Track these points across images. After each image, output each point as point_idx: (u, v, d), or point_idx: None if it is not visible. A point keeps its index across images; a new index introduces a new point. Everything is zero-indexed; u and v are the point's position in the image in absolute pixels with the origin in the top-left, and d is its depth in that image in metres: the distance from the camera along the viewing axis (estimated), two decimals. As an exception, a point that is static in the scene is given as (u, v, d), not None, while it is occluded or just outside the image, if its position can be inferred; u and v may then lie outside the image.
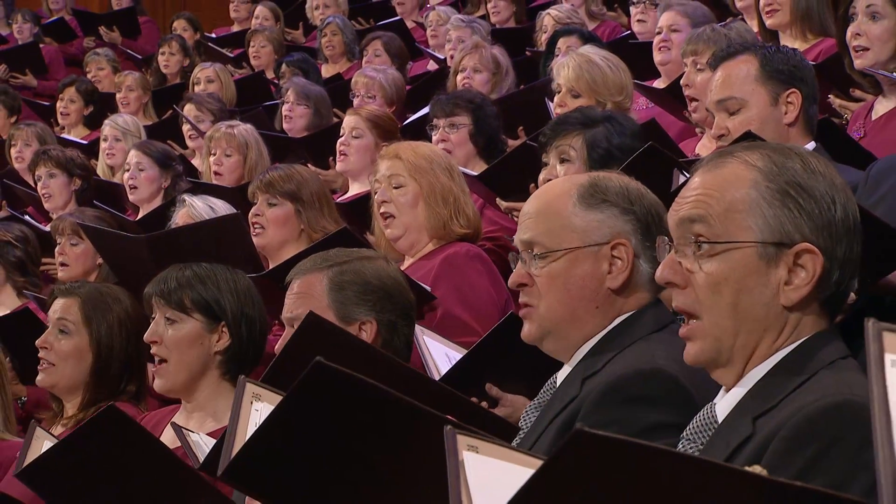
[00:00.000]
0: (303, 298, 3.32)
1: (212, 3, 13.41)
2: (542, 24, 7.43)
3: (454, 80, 6.56)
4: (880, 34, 4.04)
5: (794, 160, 2.17)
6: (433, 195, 4.33)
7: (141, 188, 6.30)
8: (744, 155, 2.19)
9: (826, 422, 1.96)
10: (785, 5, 5.32)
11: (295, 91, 7.04)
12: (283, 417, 2.19)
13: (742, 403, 2.14)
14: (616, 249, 2.63)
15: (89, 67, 9.88)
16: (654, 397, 2.44)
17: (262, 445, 2.23)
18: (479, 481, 1.81)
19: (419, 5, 9.95)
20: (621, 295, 2.64)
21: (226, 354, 3.58)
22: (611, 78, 5.02)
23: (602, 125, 4.08)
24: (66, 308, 3.98)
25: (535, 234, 2.66)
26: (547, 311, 2.64)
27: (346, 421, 2.15)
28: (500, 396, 3.34)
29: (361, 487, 2.21)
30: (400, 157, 4.37)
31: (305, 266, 3.39)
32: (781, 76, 3.64)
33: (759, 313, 2.14)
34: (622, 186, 2.67)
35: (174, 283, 3.58)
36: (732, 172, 2.18)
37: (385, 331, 3.33)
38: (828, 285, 2.14)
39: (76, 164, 6.69)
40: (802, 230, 2.14)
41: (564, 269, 2.63)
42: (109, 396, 3.92)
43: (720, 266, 2.15)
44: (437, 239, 4.37)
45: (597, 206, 2.64)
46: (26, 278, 5.55)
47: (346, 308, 3.30)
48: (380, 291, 3.34)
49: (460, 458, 1.83)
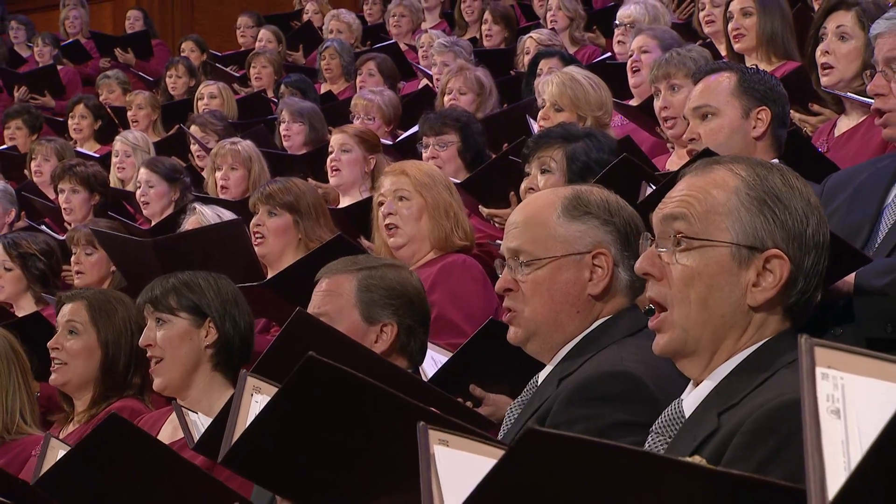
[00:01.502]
0: (331, 296, 3.34)
1: (219, 27, 13.47)
2: (524, 47, 7.46)
3: (441, 102, 6.59)
4: (847, 53, 4.06)
5: (776, 174, 2.20)
6: (437, 209, 4.37)
7: (153, 203, 6.32)
8: (730, 164, 2.22)
9: (784, 418, 1.95)
10: (751, 30, 5.36)
11: (289, 111, 7.11)
12: (279, 408, 2.20)
13: (708, 399, 2.14)
14: (597, 258, 2.64)
15: (101, 89, 9.90)
16: (619, 397, 2.44)
17: (258, 434, 2.24)
18: (449, 473, 1.82)
19: (413, 29, 9.98)
20: (601, 300, 2.65)
21: (215, 347, 3.64)
22: (592, 95, 5.07)
23: (582, 141, 4.12)
24: (74, 311, 4.03)
25: (521, 242, 2.67)
26: (531, 315, 2.65)
27: (337, 411, 2.16)
28: (484, 396, 3.36)
29: (350, 472, 2.22)
30: (406, 173, 4.41)
31: (336, 266, 3.40)
32: (756, 94, 3.68)
33: (727, 310, 2.16)
34: (603, 199, 2.68)
35: (160, 289, 3.66)
36: (718, 178, 2.20)
37: (404, 334, 3.35)
38: (792, 291, 2.16)
39: (97, 182, 6.70)
40: (774, 237, 2.16)
41: (548, 276, 2.64)
42: (118, 390, 4.00)
43: (695, 261, 2.16)
44: (438, 249, 4.41)
45: (579, 218, 2.65)
46: (46, 289, 5.54)
47: (372, 309, 3.31)
48: (403, 297, 3.35)
49: (431, 452, 1.83)
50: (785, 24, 5.39)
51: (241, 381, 2.55)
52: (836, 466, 1.40)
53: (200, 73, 10.09)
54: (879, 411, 1.45)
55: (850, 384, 1.53)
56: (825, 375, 1.53)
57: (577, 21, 8.26)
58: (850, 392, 1.52)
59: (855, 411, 1.50)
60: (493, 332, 3.34)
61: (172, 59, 10.26)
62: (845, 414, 1.50)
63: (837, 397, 1.51)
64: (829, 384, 1.52)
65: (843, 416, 1.50)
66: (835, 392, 1.52)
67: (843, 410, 1.50)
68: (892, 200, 2.99)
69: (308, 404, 2.16)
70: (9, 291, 5.54)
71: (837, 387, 1.52)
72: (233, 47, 11.60)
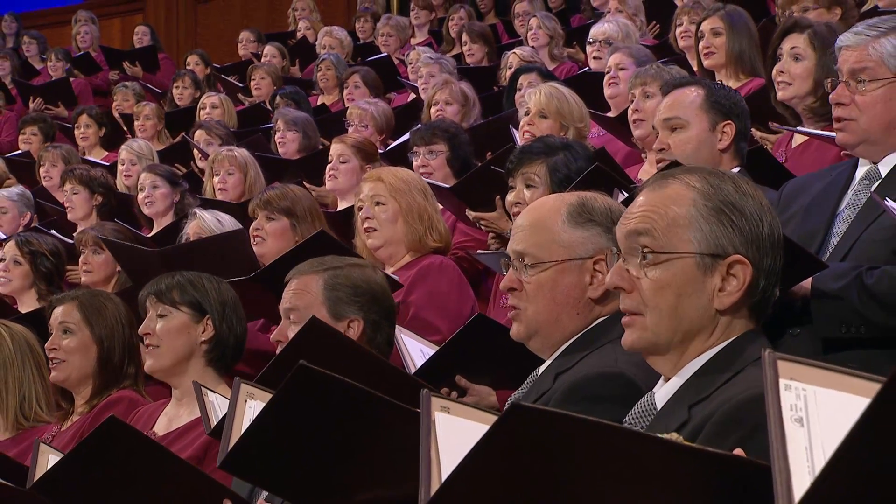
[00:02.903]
0: (299, 294, 3.36)
1: (220, 42, 13.51)
2: (507, 62, 7.49)
3: (428, 113, 6.58)
4: (801, 72, 4.09)
5: (728, 183, 2.20)
6: (411, 213, 4.38)
7: (157, 203, 6.31)
8: (684, 177, 2.21)
9: (751, 410, 1.95)
10: (720, 48, 5.40)
11: (284, 120, 7.11)
12: (273, 413, 2.20)
13: (679, 393, 2.15)
14: (598, 264, 2.61)
15: (116, 97, 9.91)
16: (612, 397, 2.42)
17: (255, 438, 2.24)
18: (450, 439, 1.82)
19: (401, 46, 10.02)
20: (599, 303, 2.62)
21: (209, 344, 3.63)
22: (575, 108, 5.09)
23: (562, 153, 4.10)
24: (66, 312, 4.01)
25: (526, 245, 2.65)
26: (534, 314, 2.63)
27: (327, 414, 2.16)
28: (468, 387, 3.35)
29: (341, 470, 2.22)
30: (382, 179, 4.44)
31: (304, 268, 3.42)
32: (722, 108, 3.69)
33: (695, 315, 2.16)
34: (606, 207, 2.67)
35: (165, 284, 3.65)
36: (674, 192, 2.19)
37: (370, 328, 3.36)
38: (755, 292, 2.17)
39: (98, 183, 6.69)
40: (734, 243, 2.16)
41: (551, 278, 2.62)
42: (115, 381, 3.99)
43: (663, 274, 2.16)
44: (414, 251, 4.41)
45: (583, 225, 2.63)
46: (50, 288, 5.53)
47: (338, 306, 3.33)
48: (367, 294, 3.36)
49: (433, 418, 1.84)
50: (752, 43, 5.43)
51: (234, 389, 2.54)
52: (801, 471, 1.40)
53: (205, 84, 10.16)
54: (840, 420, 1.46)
55: (811, 395, 1.54)
56: (788, 386, 1.54)
57: (556, 39, 8.28)
58: (812, 402, 1.53)
59: (817, 420, 1.51)
60: (479, 327, 3.36)
61: (179, 72, 10.31)
62: (808, 422, 1.51)
63: (800, 406, 1.53)
64: (791, 395, 1.54)
65: (806, 424, 1.51)
66: (797, 402, 1.53)
67: (805, 419, 1.51)
68: (845, 208, 3.00)
69: (300, 408, 2.16)
70: (15, 285, 5.55)
71: (800, 397, 1.54)
72: (232, 60, 11.62)
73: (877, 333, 2.75)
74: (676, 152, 3.65)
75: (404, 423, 1.96)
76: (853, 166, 3.08)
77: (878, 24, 3.06)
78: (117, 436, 2.64)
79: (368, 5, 11.72)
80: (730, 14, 5.46)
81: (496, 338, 3.16)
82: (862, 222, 2.93)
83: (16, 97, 11.23)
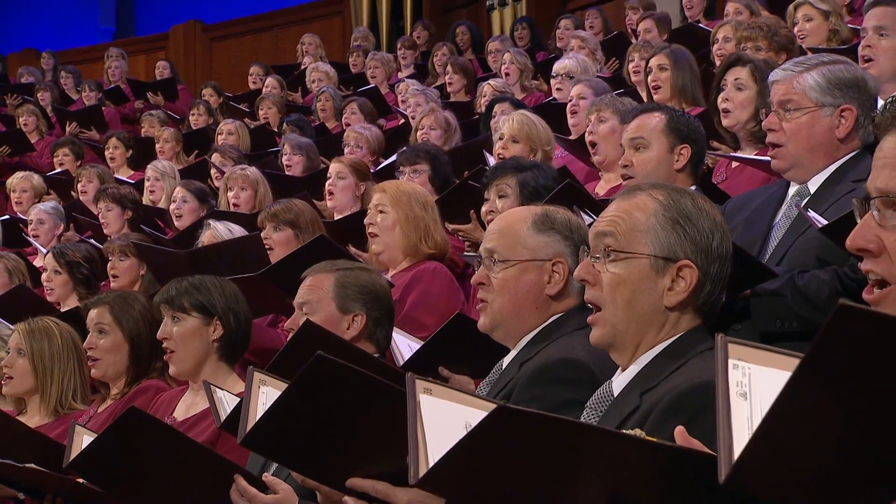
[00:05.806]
0: (313, 289, 3.38)
1: (231, 74, 13.53)
2: (482, 91, 7.49)
3: (415, 136, 6.58)
4: (742, 101, 4.07)
5: (687, 199, 2.22)
6: (408, 222, 4.36)
7: (185, 217, 6.25)
8: (651, 190, 2.24)
9: (693, 398, 1.96)
10: (666, 82, 5.40)
11: (290, 145, 7.08)
12: (291, 396, 2.20)
13: (632, 382, 2.15)
14: (556, 265, 2.64)
15: (144, 123, 9.93)
16: (570, 379, 2.43)
17: (273, 418, 2.24)
18: (433, 418, 1.80)
19: (387, 77, 10.04)
20: (556, 300, 2.64)
21: (221, 341, 3.61)
22: (542, 133, 5.09)
23: (531, 171, 4.14)
24: (99, 315, 3.99)
25: (496, 244, 2.67)
26: (499, 307, 2.65)
27: (338, 399, 2.15)
28: (449, 376, 3.36)
29: (349, 447, 2.21)
30: (385, 190, 4.44)
31: (318, 267, 3.43)
32: (680, 133, 3.70)
33: (647, 310, 2.17)
34: (567, 219, 2.69)
35: (174, 291, 3.62)
36: (640, 202, 2.22)
37: (371, 324, 3.37)
38: (701, 294, 2.18)
39: (128, 200, 6.65)
40: (686, 250, 2.18)
41: (515, 275, 2.63)
42: (144, 373, 3.98)
43: (621, 270, 2.18)
44: (410, 257, 4.39)
45: (545, 232, 2.66)
46: (89, 291, 5.49)
47: (345, 301, 3.34)
48: (371, 294, 3.37)
49: (417, 400, 1.81)
50: (693, 77, 5.44)
51: (249, 377, 2.54)
52: (743, 438, 1.41)
53: (218, 112, 10.20)
54: (775, 394, 1.49)
55: (755, 373, 1.55)
56: (735, 366, 1.55)
57: (525, 72, 8.30)
58: (755, 379, 1.55)
59: (759, 394, 1.52)
60: (458, 325, 3.37)
61: (195, 101, 10.33)
62: (751, 396, 1.52)
63: (745, 383, 1.54)
64: (738, 373, 1.55)
65: (749, 398, 1.52)
66: (743, 379, 1.54)
67: (749, 394, 1.53)
68: (779, 221, 3.03)
69: (315, 394, 2.16)
70: (58, 293, 5.53)
71: (745, 375, 1.55)
72: (243, 90, 11.63)
73: (806, 328, 2.76)
74: (638, 170, 3.67)
75: (403, 405, 1.94)
76: (786, 185, 3.12)
77: (802, 62, 3.10)
78: (137, 423, 2.63)
79: (360, 43, 11.79)
80: (674, 52, 5.47)
81: (473, 334, 3.15)
82: (794, 233, 2.96)
83: (55, 124, 11.22)
